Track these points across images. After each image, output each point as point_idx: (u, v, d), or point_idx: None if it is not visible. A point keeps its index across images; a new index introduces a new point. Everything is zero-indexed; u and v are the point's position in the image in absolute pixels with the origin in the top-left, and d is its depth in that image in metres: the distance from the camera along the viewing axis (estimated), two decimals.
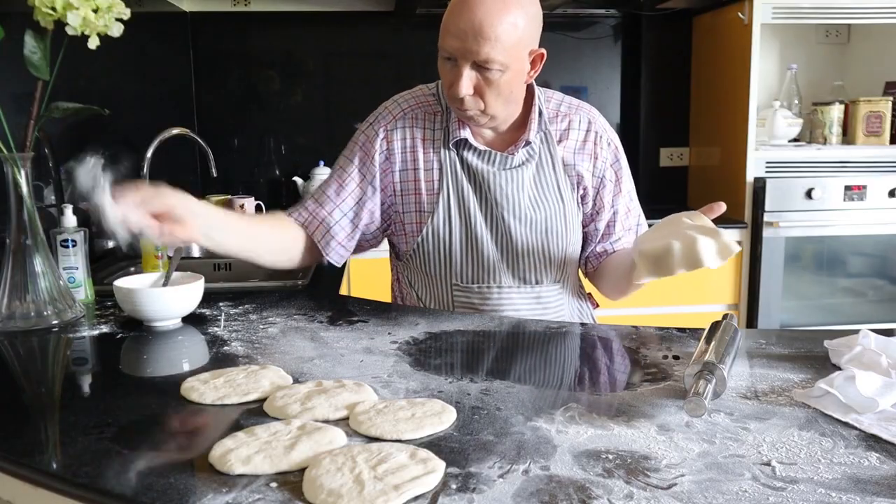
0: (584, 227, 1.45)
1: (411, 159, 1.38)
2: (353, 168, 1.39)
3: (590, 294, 1.55)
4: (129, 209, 1.06)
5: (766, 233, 2.72)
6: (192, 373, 0.99)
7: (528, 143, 1.36)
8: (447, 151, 1.38)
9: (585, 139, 1.41)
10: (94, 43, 1.20)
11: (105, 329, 1.23)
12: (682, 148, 3.24)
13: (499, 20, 1.20)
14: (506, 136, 1.39)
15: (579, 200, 1.42)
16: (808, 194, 2.71)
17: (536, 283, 1.40)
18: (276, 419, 0.83)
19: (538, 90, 1.41)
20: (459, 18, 1.22)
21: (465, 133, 1.36)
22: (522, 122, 1.38)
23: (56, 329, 1.23)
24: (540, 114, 1.38)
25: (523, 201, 1.37)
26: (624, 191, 1.45)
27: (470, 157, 1.37)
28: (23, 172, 1.22)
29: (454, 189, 1.37)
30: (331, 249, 1.39)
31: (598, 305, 1.55)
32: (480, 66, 1.24)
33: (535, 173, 1.38)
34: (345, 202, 1.39)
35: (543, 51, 1.30)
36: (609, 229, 1.45)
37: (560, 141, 1.40)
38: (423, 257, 1.40)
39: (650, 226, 1.28)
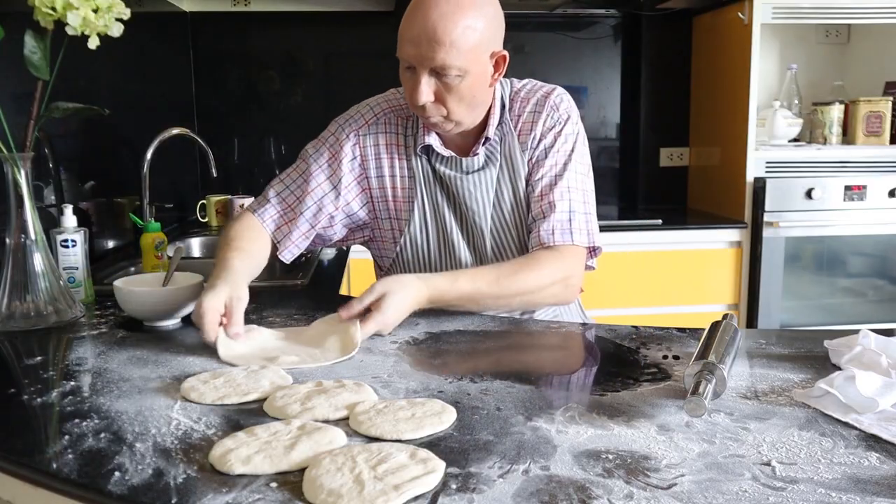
0: None
1: (387, 166, 1.36)
2: (318, 168, 1.37)
3: None
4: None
5: (766, 233, 2.72)
6: (192, 373, 0.99)
7: (487, 139, 1.33)
8: (418, 158, 1.35)
9: (540, 114, 1.35)
10: (94, 43, 1.20)
11: (105, 329, 1.23)
12: (682, 148, 3.24)
13: (453, 24, 1.17)
14: (471, 138, 1.36)
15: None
16: (808, 194, 2.71)
17: None
18: (276, 419, 0.83)
19: (503, 82, 1.37)
20: (413, 24, 1.19)
21: (431, 139, 1.33)
22: (486, 122, 1.34)
23: (56, 329, 1.23)
24: (502, 108, 1.35)
25: (490, 204, 1.35)
26: (547, 165, 1.34)
27: (437, 163, 1.35)
28: (23, 172, 1.22)
29: (428, 196, 1.35)
30: (284, 248, 1.36)
31: (581, 290, 1.51)
32: (438, 73, 1.20)
33: (499, 172, 1.35)
34: (304, 203, 1.36)
35: (506, 52, 1.27)
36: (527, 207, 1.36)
37: (517, 126, 1.35)
38: (402, 266, 1.39)
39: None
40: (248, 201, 2.70)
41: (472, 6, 1.19)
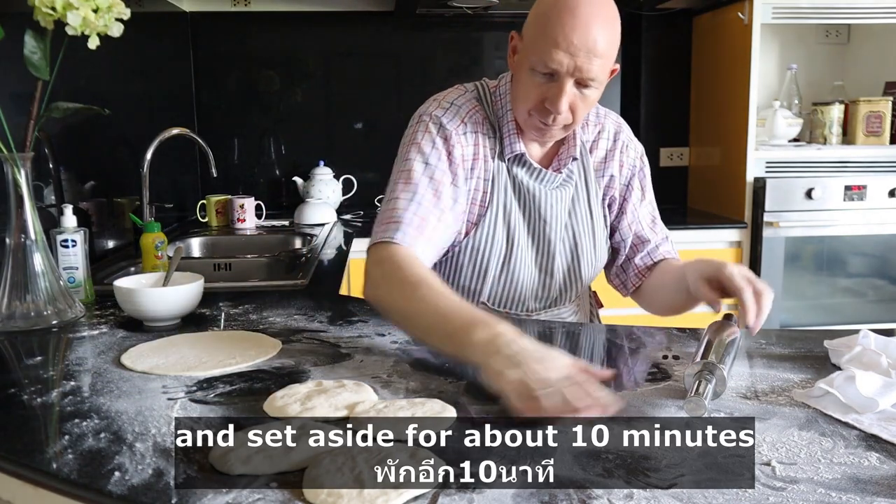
0: (611, 239, 1.40)
1: (467, 168, 1.27)
2: (445, 183, 1.23)
3: (595, 293, 1.52)
4: None
5: (766, 233, 2.72)
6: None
7: (574, 158, 1.30)
8: (499, 164, 1.29)
9: (613, 148, 1.37)
10: (94, 43, 1.20)
11: (105, 329, 1.23)
12: (682, 148, 3.24)
13: (610, 36, 1.15)
14: (550, 151, 1.33)
15: (607, 211, 1.37)
16: (808, 194, 2.71)
17: (560, 303, 1.36)
18: (276, 419, 0.83)
19: None
20: (571, 33, 1.12)
21: (522, 147, 1.28)
22: (565, 137, 1.31)
23: (56, 329, 1.23)
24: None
25: (562, 220, 1.32)
26: (647, 199, 1.41)
27: (521, 173, 1.30)
28: (23, 172, 1.23)
29: (501, 205, 1.29)
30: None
31: (602, 305, 1.53)
32: (580, 83, 1.16)
33: (574, 191, 1.33)
34: (448, 228, 1.24)
35: (617, 66, 1.23)
36: (640, 238, 1.39)
37: (591, 151, 1.35)
38: (454, 269, 1.32)
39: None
40: (247, 201, 2.69)
41: (616, 17, 1.17)
